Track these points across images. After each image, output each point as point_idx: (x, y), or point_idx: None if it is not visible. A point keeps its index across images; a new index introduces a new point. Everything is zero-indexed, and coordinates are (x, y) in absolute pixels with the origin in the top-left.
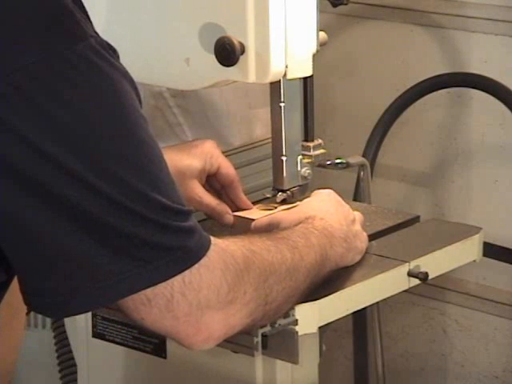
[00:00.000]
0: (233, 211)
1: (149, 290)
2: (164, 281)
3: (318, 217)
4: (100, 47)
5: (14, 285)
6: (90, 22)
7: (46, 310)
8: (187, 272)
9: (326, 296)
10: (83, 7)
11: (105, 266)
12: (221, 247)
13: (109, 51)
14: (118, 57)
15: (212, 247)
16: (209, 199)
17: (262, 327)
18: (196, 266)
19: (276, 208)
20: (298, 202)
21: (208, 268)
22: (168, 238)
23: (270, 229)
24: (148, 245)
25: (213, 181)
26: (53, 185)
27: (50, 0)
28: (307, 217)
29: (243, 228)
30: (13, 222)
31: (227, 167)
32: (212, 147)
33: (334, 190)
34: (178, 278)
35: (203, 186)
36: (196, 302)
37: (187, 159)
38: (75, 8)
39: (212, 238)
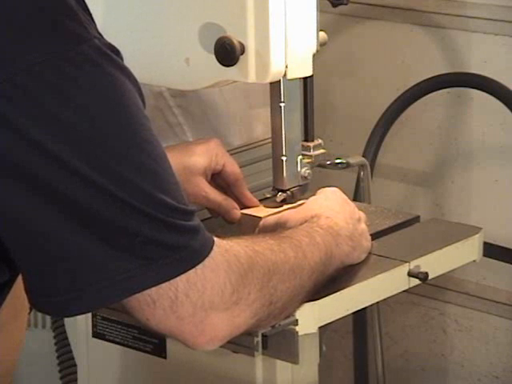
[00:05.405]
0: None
1: (153, 291)
2: (169, 280)
3: (323, 215)
4: (104, 48)
5: (17, 285)
6: (94, 23)
7: (51, 310)
8: (191, 273)
9: (326, 296)
10: (87, 8)
11: (110, 265)
12: (224, 248)
13: (112, 52)
14: (122, 58)
15: (216, 248)
16: (215, 195)
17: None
18: (200, 266)
19: (282, 206)
20: (303, 201)
21: (212, 269)
22: (173, 237)
23: (277, 228)
24: (153, 243)
25: (218, 180)
26: (57, 184)
27: (54, 1)
28: (313, 215)
29: (249, 226)
30: (16, 222)
31: (232, 165)
32: (217, 145)
33: None
34: (183, 278)
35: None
36: (200, 303)
37: (193, 156)
38: (79, 9)
39: (216, 239)
